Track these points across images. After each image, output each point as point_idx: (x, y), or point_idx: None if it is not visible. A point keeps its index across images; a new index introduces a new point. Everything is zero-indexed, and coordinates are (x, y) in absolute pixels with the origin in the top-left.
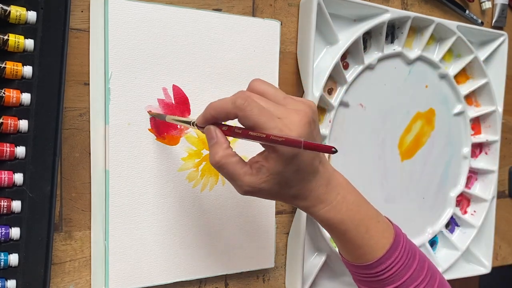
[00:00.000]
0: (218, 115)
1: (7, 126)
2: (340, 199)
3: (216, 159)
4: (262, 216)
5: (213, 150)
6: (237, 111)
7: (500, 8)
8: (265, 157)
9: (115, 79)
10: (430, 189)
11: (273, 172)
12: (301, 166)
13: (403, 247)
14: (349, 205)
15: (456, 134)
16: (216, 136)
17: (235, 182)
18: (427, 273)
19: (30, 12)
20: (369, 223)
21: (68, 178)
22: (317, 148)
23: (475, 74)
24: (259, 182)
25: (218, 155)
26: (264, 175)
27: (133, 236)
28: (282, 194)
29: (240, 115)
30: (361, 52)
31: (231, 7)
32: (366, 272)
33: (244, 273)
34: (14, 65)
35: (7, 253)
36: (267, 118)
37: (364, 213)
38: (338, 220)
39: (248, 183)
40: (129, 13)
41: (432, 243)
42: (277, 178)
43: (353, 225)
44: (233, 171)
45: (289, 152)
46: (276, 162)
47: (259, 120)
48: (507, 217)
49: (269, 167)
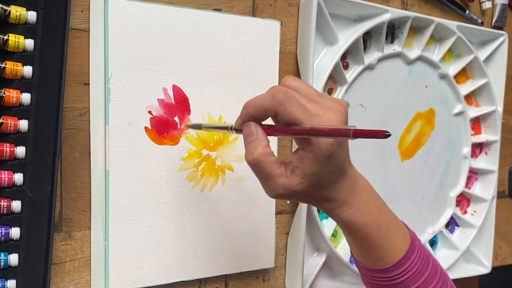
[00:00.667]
0: (257, 113)
1: (7, 126)
2: (364, 202)
3: (255, 156)
4: (262, 216)
5: (252, 146)
6: (277, 106)
7: (500, 8)
8: (299, 158)
9: (115, 79)
10: (430, 189)
11: (308, 173)
12: (334, 167)
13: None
14: (371, 208)
15: (456, 134)
16: (256, 133)
17: (268, 183)
18: (439, 280)
19: (30, 12)
20: (389, 226)
21: (68, 178)
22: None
23: (475, 74)
24: (293, 185)
25: (258, 152)
26: (299, 177)
27: (133, 236)
28: (313, 196)
29: (280, 110)
30: (361, 52)
31: (231, 7)
32: (382, 276)
33: (244, 273)
34: (14, 65)
35: (7, 253)
36: (307, 115)
37: (385, 216)
38: (360, 223)
39: (283, 185)
40: (129, 13)
41: (432, 243)
42: (311, 179)
43: (374, 228)
44: (270, 171)
45: (325, 152)
46: (312, 162)
47: (300, 116)
48: (507, 217)
49: (304, 168)
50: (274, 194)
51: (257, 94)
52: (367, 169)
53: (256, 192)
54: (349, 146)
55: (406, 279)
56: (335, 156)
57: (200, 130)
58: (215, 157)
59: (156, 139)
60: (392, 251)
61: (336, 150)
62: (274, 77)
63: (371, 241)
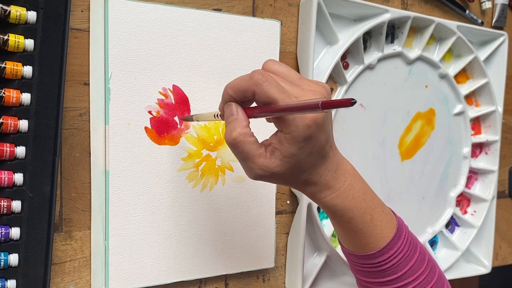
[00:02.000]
0: (236, 93)
1: (7, 126)
2: (347, 186)
3: (234, 136)
4: (262, 216)
5: (231, 126)
6: (254, 87)
7: (500, 8)
8: (278, 139)
9: (115, 79)
10: (430, 189)
11: (286, 155)
12: (314, 149)
13: (405, 238)
14: (355, 193)
15: (456, 134)
16: (236, 113)
17: (248, 163)
18: (427, 266)
19: (30, 12)
20: (374, 212)
21: (68, 178)
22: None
23: (475, 74)
24: (272, 166)
25: (236, 132)
26: (278, 159)
27: (133, 236)
28: (293, 178)
29: (258, 90)
30: (361, 52)
31: (231, 7)
32: (367, 262)
33: (244, 273)
34: (14, 65)
35: (7, 253)
36: (285, 95)
37: (370, 201)
38: (344, 207)
39: (261, 166)
40: (129, 13)
41: (432, 243)
42: (290, 161)
43: (358, 213)
44: (248, 151)
45: (302, 133)
46: (290, 144)
47: (276, 96)
48: (507, 217)
49: (283, 149)
50: (254, 175)
51: None
52: (367, 169)
53: (256, 192)
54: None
55: (392, 265)
56: (314, 138)
57: (192, 121)
58: (215, 157)
59: (156, 139)
60: (377, 237)
61: (314, 132)
62: None
63: (356, 227)
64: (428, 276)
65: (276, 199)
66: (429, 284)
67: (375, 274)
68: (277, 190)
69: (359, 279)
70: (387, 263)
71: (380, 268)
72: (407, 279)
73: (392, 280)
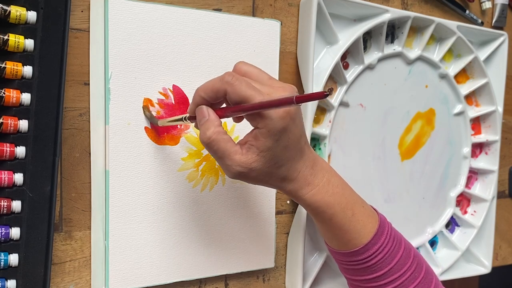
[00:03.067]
0: (207, 94)
1: (7, 126)
2: (325, 182)
3: (208, 135)
4: (262, 216)
5: (204, 126)
6: (226, 86)
7: (500, 8)
8: (254, 136)
9: (115, 79)
10: (430, 189)
11: (263, 150)
12: (289, 143)
13: (389, 234)
14: (334, 188)
15: (456, 134)
16: (208, 114)
17: (225, 161)
18: (413, 261)
19: (30, 12)
20: (355, 207)
21: (68, 178)
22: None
23: (475, 74)
24: (250, 162)
25: (210, 131)
26: (254, 154)
27: (133, 236)
28: (272, 175)
29: (229, 89)
30: (361, 52)
31: (231, 7)
32: (353, 260)
33: (244, 273)
34: (14, 65)
35: (7, 253)
36: (256, 92)
37: (349, 196)
38: (325, 203)
39: (239, 162)
40: (129, 13)
41: (432, 243)
42: (267, 155)
43: (339, 208)
44: (224, 149)
45: (277, 125)
46: (266, 138)
47: (247, 93)
48: (507, 217)
49: (259, 145)
50: (233, 173)
51: None
52: (367, 169)
53: (256, 192)
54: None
55: (378, 261)
56: (288, 131)
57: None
58: None
59: (156, 139)
60: (360, 233)
61: (288, 124)
62: (274, 77)
63: (338, 223)
64: (415, 271)
65: (276, 199)
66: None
67: (362, 272)
68: (277, 190)
69: (348, 279)
70: (372, 259)
71: (366, 264)
72: (394, 275)
73: (379, 276)
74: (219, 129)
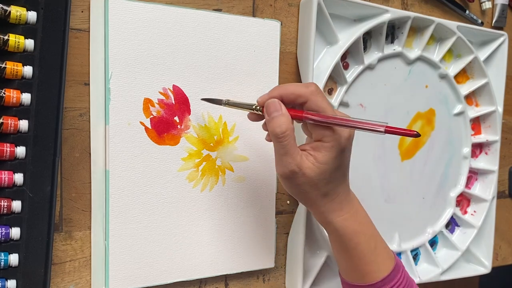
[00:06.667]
0: (287, 95)
1: (7, 126)
2: (355, 211)
3: (283, 129)
4: (262, 216)
5: (279, 120)
6: (310, 95)
7: (500, 8)
8: (314, 147)
9: (115, 79)
10: (430, 189)
11: (320, 161)
12: (342, 164)
13: (403, 273)
14: (362, 219)
15: (456, 134)
16: (281, 109)
17: (286, 157)
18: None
19: (30, 12)
20: (377, 240)
21: (68, 178)
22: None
23: (475, 74)
24: (305, 166)
25: (285, 125)
26: (311, 163)
27: (133, 236)
28: (317, 187)
29: (313, 98)
30: (361, 52)
31: (231, 7)
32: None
33: (244, 273)
34: (14, 65)
35: (7, 253)
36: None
37: (373, 229)
38: (353, 231)
39: (297, 163)
40: (129, 13)
41: (432, 243)
42: (321, 168)
43: (364, 239)
44: (291, 147)
45: (342, 144)
46: (327, 152)
47: (327, 108)
48: (507, 217)
49: (318, 156)
50: (286, 170)
51: (257, 94)
52: (367, 169)
53: (256, 192)
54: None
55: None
56: (346, 153)
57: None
58: (215, 157)
59: (156, 139)
60: (379, 267)
61: (348, 146)
62: (274, 77)
63: (361, 252)
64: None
65: (276, 199)
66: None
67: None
68: (277, 190)
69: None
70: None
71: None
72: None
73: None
74: (292, 126)
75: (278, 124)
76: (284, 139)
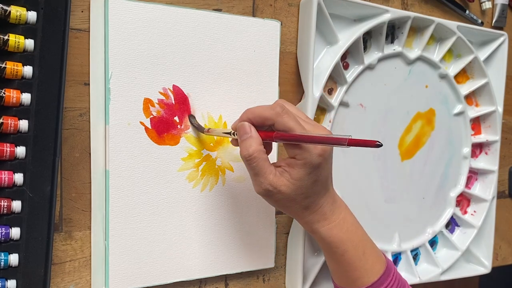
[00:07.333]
0: (255, 119)
1: (7, 126)
2: (341, 219)
3: (250, 152)
4: (262, 216)
5: (247, 142)
6: (275, 116)
7: (500, 8)
8: (288, 163)
9: (115, 79)
10: (430, 189)
11: (295, 178)
12: (318, 178)
13: (394, 276)
14: (349, 226)
15: (456, 134)
16: (250, 131)
17: (259, 178)
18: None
19: (30, 12)
20: (365, 246)
21: (68, 178)
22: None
23: (475, 74)
24: (280, 184)
25: (252, 148)
26: (286, 179)
27: (133, 236)
28: (296, 202)
29: (278, 120)
30: (361, 52)
31: (231, 7)
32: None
33: (244, 273)
34: (14, 65)
35: (7, 253)
36: (301, 127)
37: (361, 235)
38: (339, 239)
39: (271, 182)
40: (129, 13)
41: (432, 243)
42: (296, 184)
43: (352, 246)
44: (262, 167)
45: (314, 161)
46: (300, 168)
47: (295, 127)
48: (507, 217)
49: (292, 172)
50: (262, 189)
51: (257, 94)
52: (367, 169)
53: None
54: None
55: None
56: (321, 168)
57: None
58: (215, 157)
59: (156, 139)
60: (368, 272)
61: (323, 163)
62: (274, 77)
63: (349, 259)
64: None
65: None
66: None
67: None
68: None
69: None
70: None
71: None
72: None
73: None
74: (261, 148)
75: (246, 147)
76: (252, 161)
